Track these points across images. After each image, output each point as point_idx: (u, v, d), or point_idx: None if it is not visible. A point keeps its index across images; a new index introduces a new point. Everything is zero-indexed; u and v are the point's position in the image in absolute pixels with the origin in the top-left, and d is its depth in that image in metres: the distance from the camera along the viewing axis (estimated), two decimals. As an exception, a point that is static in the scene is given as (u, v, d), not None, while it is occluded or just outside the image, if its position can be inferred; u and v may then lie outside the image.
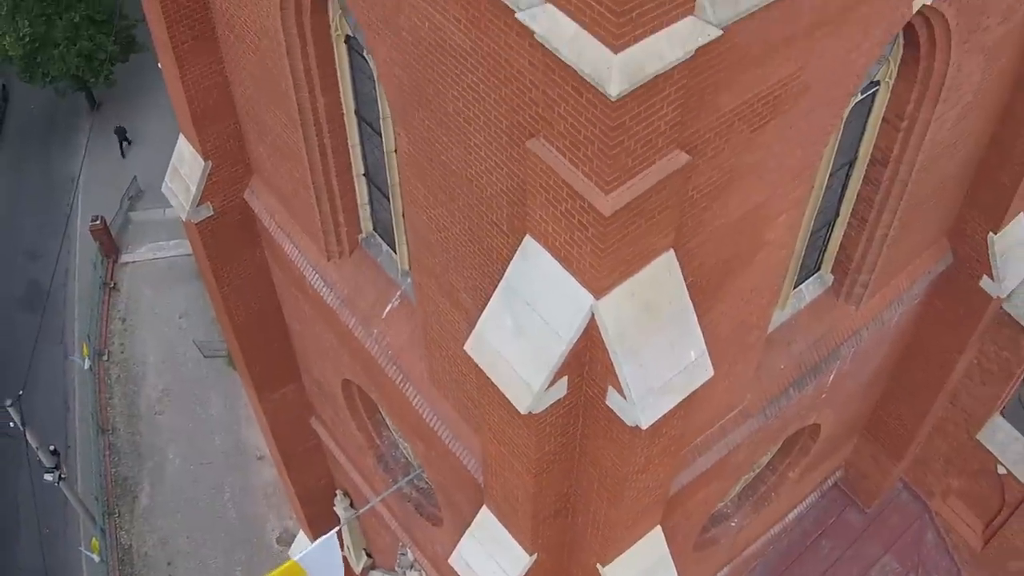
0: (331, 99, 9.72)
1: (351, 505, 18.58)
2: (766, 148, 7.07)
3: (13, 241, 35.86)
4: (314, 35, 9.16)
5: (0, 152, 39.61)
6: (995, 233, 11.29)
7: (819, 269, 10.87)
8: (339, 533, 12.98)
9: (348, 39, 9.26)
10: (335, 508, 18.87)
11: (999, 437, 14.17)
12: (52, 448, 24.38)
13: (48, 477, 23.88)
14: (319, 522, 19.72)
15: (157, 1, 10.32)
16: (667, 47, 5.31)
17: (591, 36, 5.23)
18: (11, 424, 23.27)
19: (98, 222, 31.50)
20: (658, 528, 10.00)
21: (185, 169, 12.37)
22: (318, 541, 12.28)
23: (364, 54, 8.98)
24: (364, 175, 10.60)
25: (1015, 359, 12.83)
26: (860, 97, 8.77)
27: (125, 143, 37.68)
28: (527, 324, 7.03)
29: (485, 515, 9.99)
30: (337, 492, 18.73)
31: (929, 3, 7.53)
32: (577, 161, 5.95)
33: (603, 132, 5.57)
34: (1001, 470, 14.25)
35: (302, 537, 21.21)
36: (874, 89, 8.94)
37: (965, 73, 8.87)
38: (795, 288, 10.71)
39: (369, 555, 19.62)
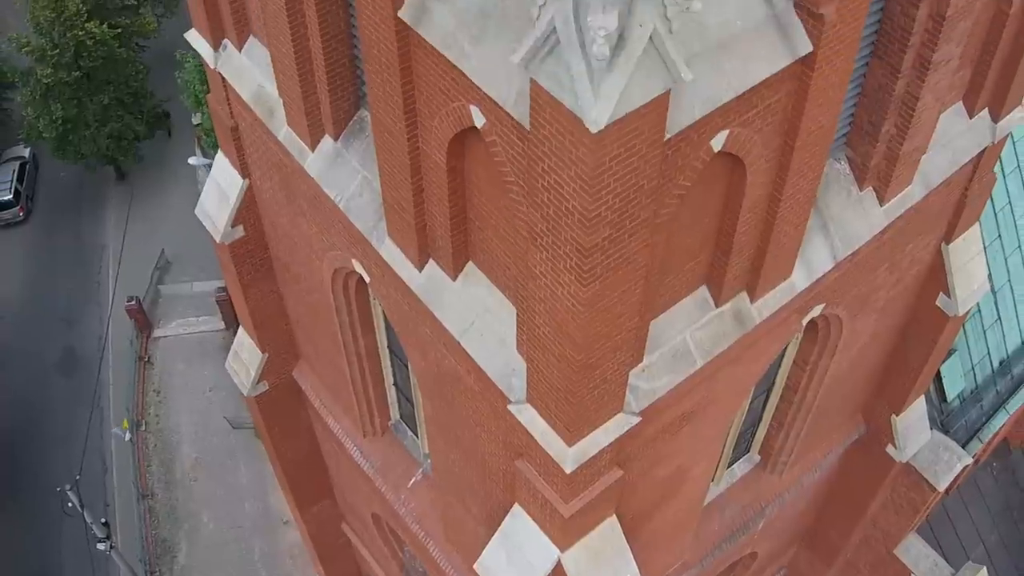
0: (369, 340, 12.67)
1: (374, 589, 21.57)
2: (685, 441, 10.03)
3: (49, 307, 38.28)
4: (357, 301, 12.08)
5: (32, 219, 42.14)
6: (897, 416, 14.27)
7: (748, 451, 13.84)
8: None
9: (383, 302, 12.20)
10: (361, 592, 21.89)
11: (913, 552, 17.18)
12: (103, 520, 27.35)
13: (100, 546, 26.89)
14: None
15: (227, 248, 13.25)
16: (603, 437, 8.29)
17: (555, 434, 8.21)
18: (69, 504, 26.27)
19: (133, 302, 34.40)
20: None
21: (245, 355, 15.35)
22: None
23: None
24: (394, 385, 13.56)
25: (919, 498, 15.83)
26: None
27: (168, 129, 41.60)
28: (516, 560, 10.04)
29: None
30: (362, 579, 21.74)
31: (818, 314, 10.45)
32: (548, 483, 8.93)
33: (563, 480, 8.54)
34: (915, 578, 17.26)
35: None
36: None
37: (859, 331, 11.78)
38: (728, 467, 13.68)
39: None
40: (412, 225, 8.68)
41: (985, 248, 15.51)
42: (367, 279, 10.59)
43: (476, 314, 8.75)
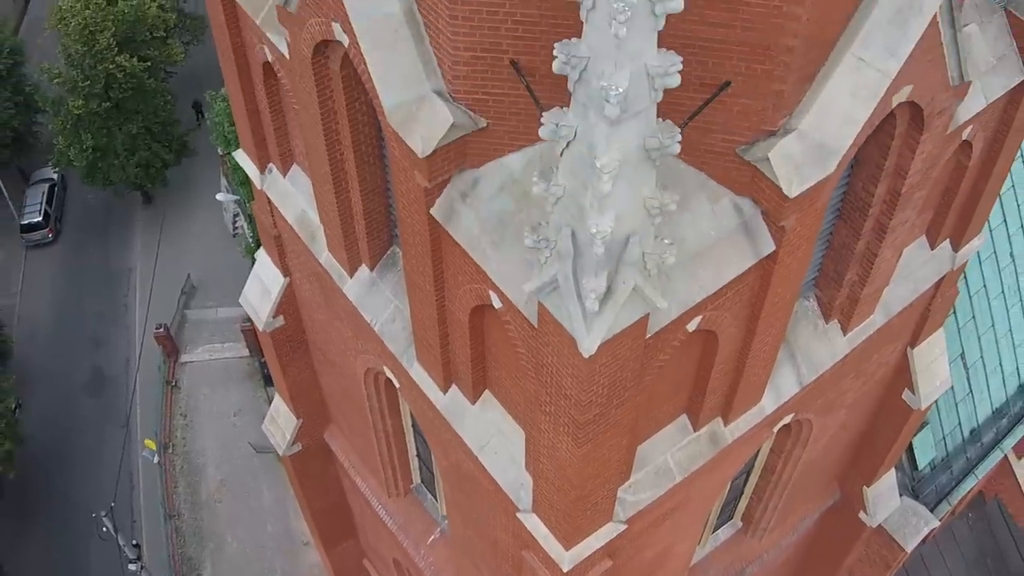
0: (395, 422, 14.26)
1: (391, 618, 23.22)
2: (667, 530, 11.60)
3: (77, 328, 39.79)
4: (387, 393, 13.64)
5: (60, 240, 43.62)
6: (868, 486, 15.79)
7: (732, 518, 15.39)
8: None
9: (408, 391, 13.78)
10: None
11: (886, 601, 18.72)
12: (135, 542, 29.15)
13: (132, 567, 28.73)
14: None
15: (269, 335, 14.82)
16: (595, 541, 9.89)
17: (555, 540, 9.80)
18: (104, 529, 28.04)
19: (161, 329, 36.12)
20: None
21: (281, 420, 16.98)
22: None
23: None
24: (417, 456, 15.16)
25: (890, 555, 17.38)
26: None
27: (200, 115, 43.40)
28: (524, 634, 11.62)
29: None
30: (380, 608, 23.35)
31: (788, 422, 11.97)
32: (550, 571, 10.50)
33: (562, 573, 10.12)
34: (890, 624, 18.80)
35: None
36: (761, 436, 13.41)
37: (829, 425, 13.28)
38: (713, 532, 15.24)
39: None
40: (438, 360, 10.26)
41: (959, 329, 17.06)
42: (396, 385, 12.17)
43: (491, 435, 10.32)
